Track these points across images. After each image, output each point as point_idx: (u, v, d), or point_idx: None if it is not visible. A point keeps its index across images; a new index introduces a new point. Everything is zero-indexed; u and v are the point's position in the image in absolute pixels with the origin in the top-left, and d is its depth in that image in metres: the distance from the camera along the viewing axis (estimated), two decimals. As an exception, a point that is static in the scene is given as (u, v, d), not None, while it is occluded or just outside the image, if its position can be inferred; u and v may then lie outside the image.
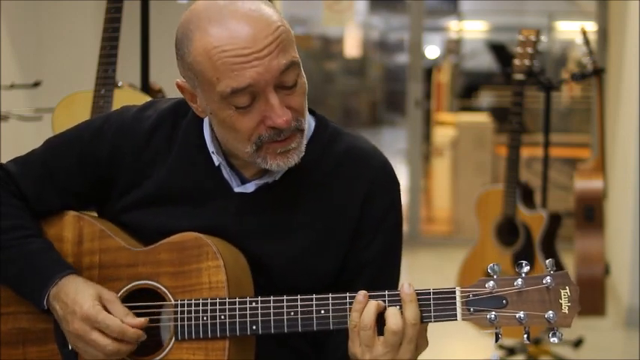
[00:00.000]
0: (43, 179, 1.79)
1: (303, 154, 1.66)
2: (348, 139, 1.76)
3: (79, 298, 1.67)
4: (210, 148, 1.72)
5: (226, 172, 1.73)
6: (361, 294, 1.58)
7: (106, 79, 2.87)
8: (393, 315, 1.57)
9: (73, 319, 1.66)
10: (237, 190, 1.72)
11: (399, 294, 1.58)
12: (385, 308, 1.58)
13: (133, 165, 1.75)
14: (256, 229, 1.71)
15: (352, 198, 1.73)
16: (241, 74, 1.54)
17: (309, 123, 1.74)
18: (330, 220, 1.72)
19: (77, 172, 1.77)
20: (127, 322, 1.65)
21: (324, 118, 1.77)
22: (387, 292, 1.59)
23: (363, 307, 1.58)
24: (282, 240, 1.71)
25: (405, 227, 7.04)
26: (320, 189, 1.72)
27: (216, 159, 1.71)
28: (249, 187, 1.72)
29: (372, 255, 1.75)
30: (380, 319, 1.58)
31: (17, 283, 1.75)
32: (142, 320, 1.67)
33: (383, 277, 1.76)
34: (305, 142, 1.66)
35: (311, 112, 1.77)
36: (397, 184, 1.78)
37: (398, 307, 1.58)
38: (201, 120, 1.74)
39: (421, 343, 1.60)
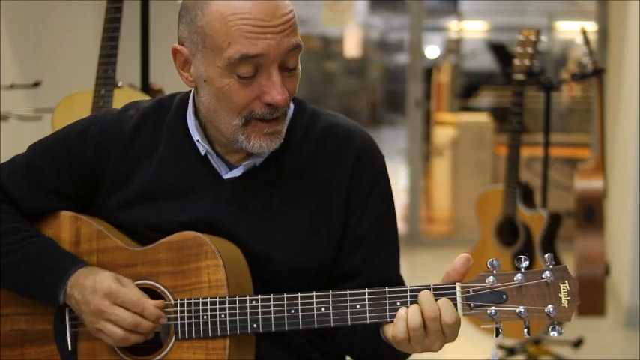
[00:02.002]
0: (30, 182, 1.79)
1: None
2: (327, 118, 1.79)
3: (99, 278, 1.68)
4: (195, 136, 1.73)
5: (213, 161, 1.74)
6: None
7: (106, 79, 2.87)
8: (425, 302, 1.59)
9: (94, 297, 1.67)
10: (226, 176, 1.73)
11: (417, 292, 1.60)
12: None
13: (119, 165, 1.76)
14: (249, 214, 1.72)
15: (338, 175, 1.74)
16: (254, 43, 1.58)
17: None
18: (319, 199, 1.73)
19: (65, 174, 1.78)
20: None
21: (300, 100, 1.79)
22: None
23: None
24: (276, 222, 1.72)
25: (405, 227, 7.04)
26: (306, 169, 1.74)
27: (202, 147, 1.72)
28: (237, 172, 1.73)
29: (364, 230, 1.75)
30: None
31: (28, 284, 1.74)
32: (158, 301, 1.67)
33: (378, 251, 1.77)
34: (285, 127, 1.69)
35: None
36: (381, 157, 1.80)
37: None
38: (185, 113, 1.75)
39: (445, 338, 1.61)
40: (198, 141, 1.73)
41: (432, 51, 10.94)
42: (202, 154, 1.73)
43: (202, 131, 1.73)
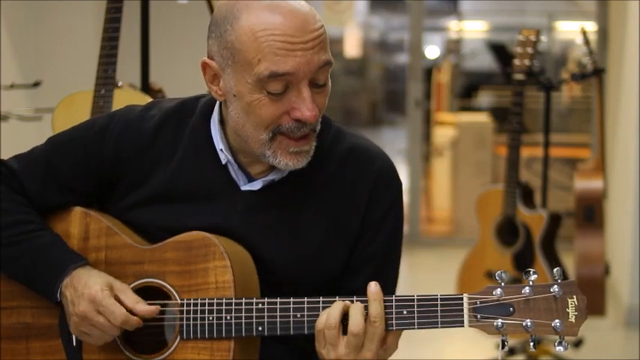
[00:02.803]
0: (45, 177, 1.79)
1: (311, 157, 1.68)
2: (351, 139, 1.78)
3: (90, 282, 1.68)
4: (219, 145, 1.73)
5: (233, 171, 1.73)
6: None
7: (106, 79, 2.86)
8: (354, 315, 1.59)
9: (80, 301, 1.67)
10: (244, 188, 1.73)
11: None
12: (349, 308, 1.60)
13: (138, 164, 1.75)
14: (263, 226, 1.72)
15: (356, 196, 1.74)
16: (284, 60, 1.58)
17: None
18: (335, 218, 1.74)
19: (81, 170, 1.78)
20: (138, 308, 1.67)
21: (327, 117, 1.79)
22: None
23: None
24: (289, 238, 1.72)
25: (405, 227, 7.03)
26: (325, 188, 1.74)
27: (224, 157, 1.72)
28: (256, 185, 1.73)
29: (373, 253, 1.76)
30: (346, 320, 1.60)
31: (29, 278, 1.75)
32: (153, 308, 1.67)
33: (382, 275, 1.76)
34: (314, 144, 1.68)
35: None
36: (399, 183, 1.80)
37: (364, 306, 1.59)
38: (209, 118, 1.75)
39: (390, 345, 1.61)
40: (221, 150, 1.72)
41: (432, 51, 10.94)
42: (223, 162, 1.73)
43: (226, 141, 1.73)
